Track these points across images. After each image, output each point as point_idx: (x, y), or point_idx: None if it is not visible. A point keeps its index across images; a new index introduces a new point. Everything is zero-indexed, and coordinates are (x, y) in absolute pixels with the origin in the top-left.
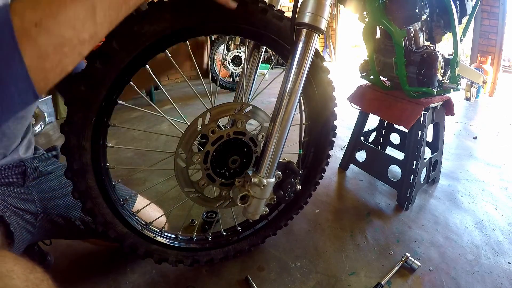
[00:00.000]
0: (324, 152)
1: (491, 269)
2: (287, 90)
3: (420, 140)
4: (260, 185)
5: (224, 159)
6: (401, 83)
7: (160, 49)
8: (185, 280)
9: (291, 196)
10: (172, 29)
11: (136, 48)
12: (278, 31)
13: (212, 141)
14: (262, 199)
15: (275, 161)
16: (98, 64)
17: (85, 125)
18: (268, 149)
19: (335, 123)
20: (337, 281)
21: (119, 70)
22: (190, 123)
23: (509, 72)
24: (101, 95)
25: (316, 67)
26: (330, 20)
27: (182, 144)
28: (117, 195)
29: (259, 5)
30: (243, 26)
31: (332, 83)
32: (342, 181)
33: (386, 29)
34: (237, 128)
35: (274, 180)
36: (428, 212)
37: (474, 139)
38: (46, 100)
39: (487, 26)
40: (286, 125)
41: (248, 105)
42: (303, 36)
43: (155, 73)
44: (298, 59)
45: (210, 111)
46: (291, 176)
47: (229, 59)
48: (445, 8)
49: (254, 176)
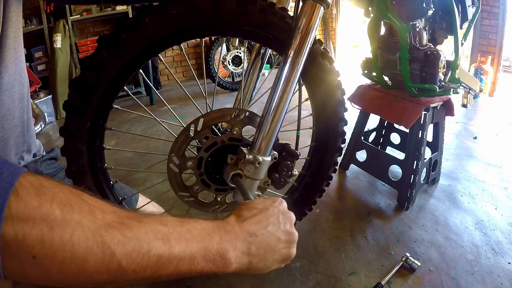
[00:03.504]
0: (331, 158)
1: (491, 269)
2: (288, 60)
3: (421, 140)
4: (255, 163)
5: (220, 165)
6: (404, 79)
7: (153, 53)
8: (185, 280)
9: (287, 181)
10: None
11: (127, 54)
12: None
13: (206, 147)
14: (256, 179)
15: (272, 137)
16: (89, 71)
17: (80, 130)
18: (265, 124)
19: (344, 128)
20: (337, 281)
21: (111, 76)
22: (182, 130)
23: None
24: (94, 101)
25: (324, 70)
26: (330, 20)
27: (174, 149)
28: (116, 195)
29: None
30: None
31: (342, 86)
32: (342, 181)
33: (391, 23)
34: (232, 134)
35: (270, 159)
36: (428, 212)
37: (474, 139)
38: (46, 100)
39: (487, 26)
40: (286, 97)
41: (245, 111)
42: (308, 7)
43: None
44: (301, 31)
45: (203, 117)
46: (287, 159)
47: (229, 59)
48: (448, 11)
49: (248, 152)
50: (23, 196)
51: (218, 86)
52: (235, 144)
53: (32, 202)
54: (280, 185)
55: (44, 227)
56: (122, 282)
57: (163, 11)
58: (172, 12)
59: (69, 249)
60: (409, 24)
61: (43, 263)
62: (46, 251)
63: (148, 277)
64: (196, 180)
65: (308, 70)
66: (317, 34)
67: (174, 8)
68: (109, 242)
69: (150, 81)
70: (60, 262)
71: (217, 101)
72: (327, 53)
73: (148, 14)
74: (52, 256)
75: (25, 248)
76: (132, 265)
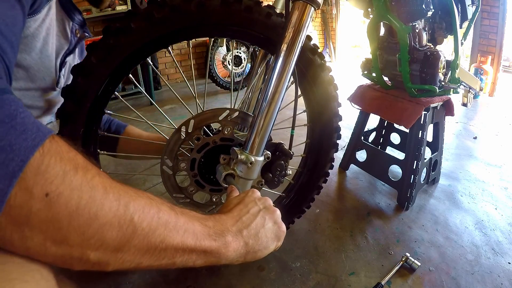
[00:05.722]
0: (327, 155)
1: (491, 269)
2: (280, 59)
3: (421, 140)
4: (247, 163)
5: (213, 165)
6: (404, 80)
7: (142, 56)
8: (185, 280)
9: (281, 181)
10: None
11: (115, 59)
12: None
13: (198, 148)
14: (249, 179)
15: (264, 137)
16: (79, 79)
17: (74, 136)
18: (257, 123)
19: (339, 124)
20: (337, 281)
21: (101, 82)
22: (173, 132)
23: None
24: (85, 108)
25: (314, 65)
26: (330, 20)
27: (167, 151)
28: None
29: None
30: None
31: (334, 82)
32: (342, 181)
33: (391, 24)
34: (224, 134)
35: (262, 159)
36: (428, 212)
37: (474, 139)
38: None
39: (487, 26)
40: (278, 97)
41: (235, 110)
42: (298, 7)
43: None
44: (293, 30)
45: (193, 118)
46: (281, 158)
47: (229, 59)
48: (447, 11)
49: (241, 152)
50: (58, 140)
51: (217, 86)
52: (227, 144)
53: (64, 145)
54: (274, 185)
55: (68, 166)
56: (129, 251)
57: (149, 15)
58: (157, 16)
59: (87, 190)
60: (409, 25)
61: (55, 203)
62: (64, 188)
63: (156, 245)
64: (190, 182)
65: (298, 66)
66: (317, 34)
67: (159, 12)
68: (123, 194)
69: (150, 81)
70: (75, 203)
71: (217, 101)
72: (316, 49)
73: (134, 19)
74: (68, 195)
75: (42, 180)
76: (143, 222)
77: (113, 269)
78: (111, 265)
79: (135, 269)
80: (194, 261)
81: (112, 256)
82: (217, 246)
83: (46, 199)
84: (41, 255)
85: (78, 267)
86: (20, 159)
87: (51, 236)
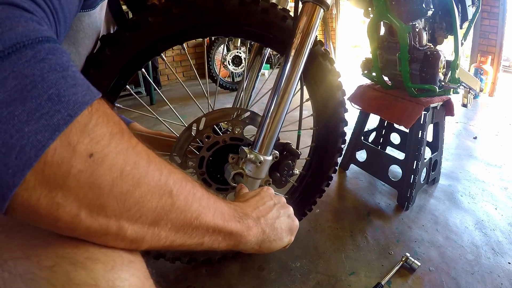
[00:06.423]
0: (331, 159)
1: (491, 269)
2: (289, 61)
3: (421, 140)
4: (256, 162)
5: (221, 164)
6: (404, 80)
7: (156, 52)
8: (185, 280)
9: (288, 180)
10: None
11: (129, 53)
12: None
13: (207, 146)
14: (257, 179)
15: (273, 137)
16: (91, 70)
17: None
18: (266, 123)
19: (345, 129)
20: (337, 281)
21: (113, 76)
22: (183, 129)
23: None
24: None
25: (325, 71)
26: (330, 20)
27: (176, 148)
28: None
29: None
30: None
31: (343, 87)
32: (342, 181)
33: (391, 23)
34: (234, 134)
35: (271, 159)
36: (428, 212)
37: (474, 139)
38: None
39: (487, 26)
40: (287, 97)
41: (246, 110)
42: (308, 9)
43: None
44: (302, 32)
45: (205, 116)
46: (288, 158)
47: (229, 59)
48: (447, 11)
49: (250, 152)
50: (105, 103)
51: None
52: (236, 144)
53: (110, 109)
54: (281, 184)
55: (115, 129)
56: (166, 226)
57: (167, 11)
58: (175, 12)
59: (132, 155)
60: (409, 25)
61: (99, 165)
62: (109, 151)
63: (191, 222)
64: (197, 180)
65: (309, 70)
66: (317, 34)
67: (177, 7)
68: (164, 165)
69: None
70: (120, 168)
71: (217, 101)
72: (328, 54)
73: (152, 13)
74: (113, 158)
75: (88, 139)
76: (180, 195)
77: (147, 248)
78: (147, 242)
79: (168, 248)
80: (219, 243)
81: (149, 231)
82: (241, 229)
83: (90, 160)
84: (71, 228)
85: (112, 243)
86: (68, 113)
87: (88, 204)
